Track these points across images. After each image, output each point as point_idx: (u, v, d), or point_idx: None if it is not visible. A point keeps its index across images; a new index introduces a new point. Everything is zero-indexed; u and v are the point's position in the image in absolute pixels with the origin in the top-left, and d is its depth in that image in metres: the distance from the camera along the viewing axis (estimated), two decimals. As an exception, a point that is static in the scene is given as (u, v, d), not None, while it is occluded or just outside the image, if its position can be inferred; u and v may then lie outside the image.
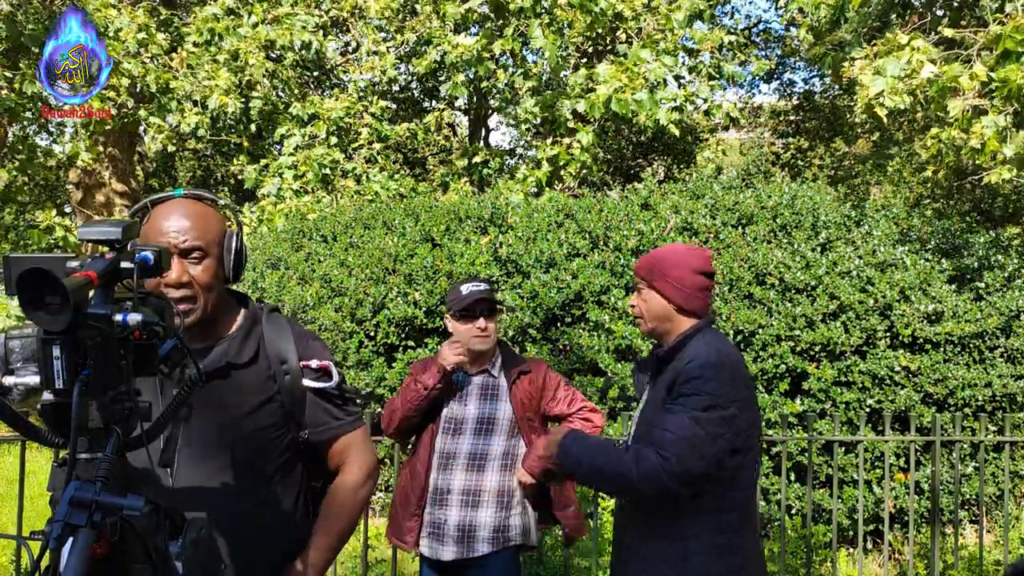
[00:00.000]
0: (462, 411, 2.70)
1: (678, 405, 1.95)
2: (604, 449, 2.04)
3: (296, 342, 1.70)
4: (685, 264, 2.10)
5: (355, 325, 4.89)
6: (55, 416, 1.16)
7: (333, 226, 5.78)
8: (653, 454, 1.91)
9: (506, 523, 2.67)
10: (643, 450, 1.94)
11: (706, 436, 1.91)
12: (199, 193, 1.66)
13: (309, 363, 1.70)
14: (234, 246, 1.65)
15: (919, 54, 4.68)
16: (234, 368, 1.63)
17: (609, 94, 6.93)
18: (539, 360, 2.88)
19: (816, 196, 5.38)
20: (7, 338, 1.24)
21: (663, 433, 1.93)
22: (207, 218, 1.62)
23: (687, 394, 1.94)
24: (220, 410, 1.61)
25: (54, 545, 1.08)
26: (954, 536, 4.23)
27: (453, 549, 2.63)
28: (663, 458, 1.89)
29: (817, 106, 12.46)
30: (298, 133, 7.93)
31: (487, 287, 2.72)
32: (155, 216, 1.60)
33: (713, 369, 1.95)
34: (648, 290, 2.14)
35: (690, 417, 1.91)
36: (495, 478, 2.66)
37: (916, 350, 4.76)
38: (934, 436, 4.08)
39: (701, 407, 1.92)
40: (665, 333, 2.14)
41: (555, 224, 5.17)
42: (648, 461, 1.91)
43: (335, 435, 1.76)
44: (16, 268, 1.16)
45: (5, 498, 5.95)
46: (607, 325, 4.67)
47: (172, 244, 1.55)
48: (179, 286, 1.55)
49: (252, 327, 1.69)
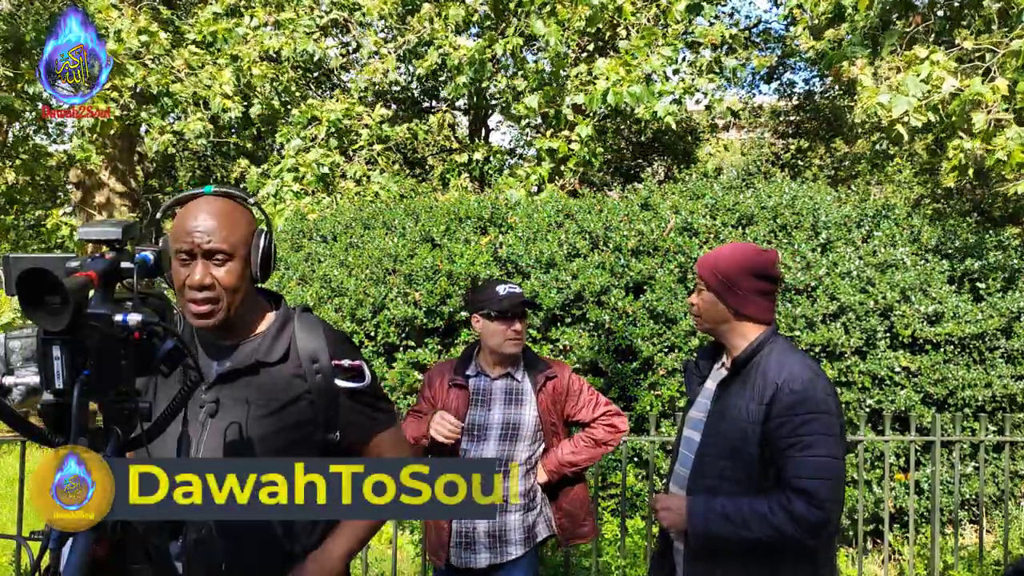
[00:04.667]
0: (486, 417, 2.65)
1: (804, 436, 1.86)
2: (742, 516, 1.89)
3: (328, 342, 1.68)
4: (745, 267, 2.03)
5: (355, 325, 4.90)
6: (55, 416, 1.16)
7: (333, 226, 5.78)
8: (806, 508, 1.82)
9: (533, 521, 2.68)
10: (795, 507, 1.84)
11: (840, 464, 1.85)
12: (228, 191, 1.63)
13: (341, 363, 1.67)
14: (262, 245, 1.62)
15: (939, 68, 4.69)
16: (263, 366, 1.62)
17: (607, 87, 6.93)
18: (562, 363, 2.83)
19: (816, 196, 5.38)
20: (7, 338, 1.24)
21: (813, 483, 1.83)
22: (234, 218, 1.59)
23: (808, 423, 1.86)
24: (248, 407, 1.60)
25: (54, 545, 1.08)
26: (954, 536, 4.23)
27: (486, 556, 2.61)
28: (820, 508, 1.82)
29: (817, 106, 12.45)
30: (298, 136, 7.93)
31: (521, 290, 2.67)
32: (182, 214, 1.58)
33: (817, 391, 1.89)
34: (707, 291, 2.07)
35: (827, 453, 1.84)
36: (520, 482, 2.64)
37: (916, 351, 4.76)
38: (934, 436, 4.08)
39: (829, 431, 1.86)
40: (724, 335, 2.08)
41: (555, 224, 5.17)
42: (808, 519, 1.83)
43: (369, 435, 1.74)
44: (16, 268, 1.16)
45: (5, 498, 5.95)
46: (607, 325, 4.67)
47: (196, 244, 1.53)
48: (201, 288, 1.54)
49: (284, 326, 1.68)
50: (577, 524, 2.77)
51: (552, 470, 2.68)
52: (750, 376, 1.99)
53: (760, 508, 1.88)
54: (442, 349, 4.79)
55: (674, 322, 4.70)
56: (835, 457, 1.85)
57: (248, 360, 1.62)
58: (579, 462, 2.69)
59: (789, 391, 1.89)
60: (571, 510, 2.76)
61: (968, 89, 4.58)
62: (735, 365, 2.04)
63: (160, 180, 13.14)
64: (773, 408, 1.90)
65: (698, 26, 8.07)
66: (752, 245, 2.19)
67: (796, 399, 1.88)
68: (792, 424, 1.87)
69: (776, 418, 1.89)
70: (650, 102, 7.02)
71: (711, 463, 2.00)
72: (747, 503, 1.91)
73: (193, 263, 1.54)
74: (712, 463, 2.00)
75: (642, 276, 4.81)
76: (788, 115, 13.02)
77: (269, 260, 1.64)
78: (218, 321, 1.57)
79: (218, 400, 1.60)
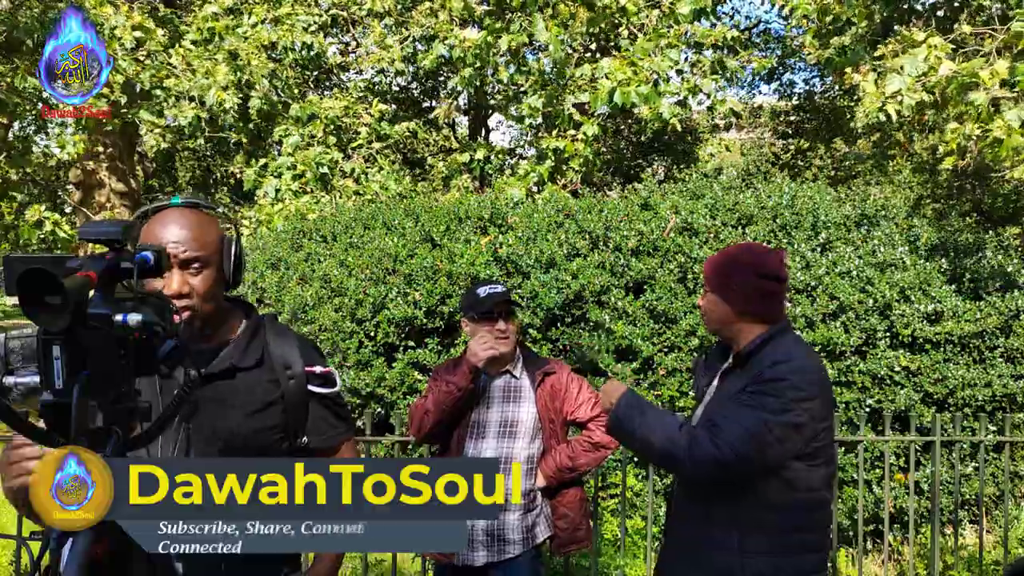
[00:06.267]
0: (484, 414, 2.66)
1: (751, 401, 1.90)
2: (660, 421, 1.98)
3: (300, 349, 1.74)
4: (750, 268, 2.03)
5: (355, 325, 4.89)
6: (55, 416, 1.16)
7: (333, 226, 5.78)
8: (708, 441, 1.87)
9: (533, 522, 2.68)
10: (699, 434, 1.89)
11: (771, 439, 1.86)
12: (195, 201, 1.68)
13: (314, 369, 1.73)
14: (233, 252, 1.66)
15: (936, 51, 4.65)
16: (239, 371, 1.66)
17: (613, 86, 6.92)
18: (560, 361, 2.84)
19: (816, 196, 5.38)
20: (7, 338, 1.24)
21: (726, 422, 1.88)
22: (205, 227, 1.63)
23: (764, 393, 1.89)
24: (224, 410, 1.63)
25: (54, 545, 1.08)
26: (954, 536, 4.23)
27: (484, 554, 2.61)
28: (716, 447, 1.85)
29: (817, 106, 12.46)
30: (297, 133, 7.93)
31: (503, 289, 2.67)
32: (151, 226, 1.60)
33: (795, 374, 1.90)
34: (710, 294, 2.08)
35: (758, 417, 1.87)
36: (520, 481, 2.64)
37: (916, 350, 4.76)
38: (934, 436, 4.08)
39: (773, 409, 1.87)
40: (731, 336, 2.08)
41: (555, 224, 5.17)
42: (702, 448, 1.86)
43: (334, 441, 1.81)
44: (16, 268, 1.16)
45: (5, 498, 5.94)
46: (607, 325, 4.67)
47: (173, 255, 1.56)
48: (179, 296, 1.57)
49: (256, 332, 1.72)
50: (574, 528, 2.76)
51: (551, 475, 2.68)
52: (749, 366, 2.01)
53: (673, 423, 1.97)
54: (442, 349, 4.79)
55: (674, 322, 4.69)
56: (765, 423, 1.86)
57: (223, 364, 1.65)
58: (578, 466, 2.69)
59: (767, 371, 1.92)
60: (568, 513, 2.75)
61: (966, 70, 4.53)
62: (738, 357, 2.05)
63: (160, 180, 13.15)
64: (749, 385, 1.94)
65: (699, 27, 8.07)
66: (758, 245, 2.19)
67: (769, 377, 1.91)
68: (751, 389, 1.92)
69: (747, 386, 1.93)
70: (655, 103, 7.03)
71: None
72: (671, 417, 2.03)
73: (169, 273, 1.57)
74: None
75: (642, 276, 4.81)
76: (788, 115, 13.02)
77: (240, 266, 1.68)
78: (195, 329, 1.61)
79: (196, 403, 1.61)
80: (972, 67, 4.50)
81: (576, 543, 2.79)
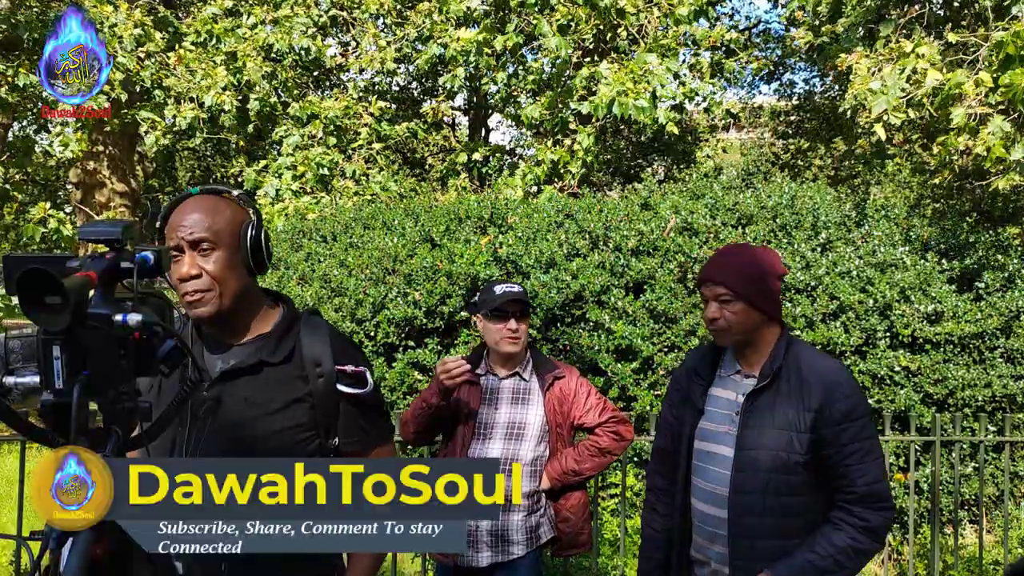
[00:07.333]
0: (492, 415, 2.65)
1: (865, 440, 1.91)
2: (831, 559, 1.89)
3: (332, 345, 1.68)
4: (773, 272, 2.01)
5: (355, 325, 4.89)
6: (55, 416, 1.16)
7: (333, 226, 5.78)
8: (873, 514, 1.90)
9: (537, 523, 2.68)
10: (867, 516, 1.90)
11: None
12: (213, 187, 1.67)
13: (344, 367, 1.67)
14: (250, 234, 1.62)
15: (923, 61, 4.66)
16: (266, 365, 1.63)
17: (612, 96, 6.91)
18: (570, 366, 2.84)
19: (816, 196, 5.38)
20: (7, 338, 1.24)
21: (878, 486, 1.91)
22: (217, 210, 1.61)
23: (863, 422, 1.92)
24: (248, 406, 1.60)
25: (54, 545, 1.08)
26: (954, 536, 4.23)
27: (488, 555, 2.61)
28: (887, 508, 1.91)
29: (817, 106, 12.45)
30: (296, 133, 7.93)
31: (520, 289, 2.67)
32: (172, 216, 1.61)
33: (854, 392, 1.95)
34: (737, 302, 1.98)
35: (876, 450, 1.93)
36: (525, 483, 2.64)
37: (916, 350, 4.76)
38: (934, 436, 4.08)
39: (873, 433, 1.94)
40: (749, 343, 2.03)
41: (555, 224, 5.17)
42: (882, 524, 1.91)
43: (367, 447, 1.74)
44: (16, 268, 1.16)
45: (5, 498, 5.95)
46: (607, 325, 4.67)
47: (182, 238, 1.56)
48: (190, 278, 1.56)
49: (290, 327, 1.69)
50: (576, 531, 2.76)
51: (556, 478, 2.67)
52: (784, 383, 1.96)
53: (839, 540, 1.90)
54: (442, 349, 4.79)
55: (674, 322, 4.70)
56: (879, 452, 1.94)
57: (252, 359, 1.62)
58: (583, 471, 2.69)
59: (843, 397, 1.91)
60: (571, 517, 2.75)
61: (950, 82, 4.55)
62: (764, 374, 2.00)
63: (160, 180, 13.15)
64: (826, 414, 1.91)
65: (698, 28, 8.07)
66: (758, 246, 2.18)
67: (851, 405, 1.91)
68: (854, 428, 1.91)
69: (834, 425, 1.91)
70: (652, 112, 7.01)
71: (752, 477, 1.95)
72: (823, 541, 1.91)
73: (182, 257, 1.57)
74: (753, 477, 1.95)
75: (642, 276, 4.81)
76: (788, 115, 13.01)
77: (260, 250, 1.64)
78: (212, 310, 1.58)
79: (219, 398, 1.60)
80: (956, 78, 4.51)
81: (577, 547, 2.78)
